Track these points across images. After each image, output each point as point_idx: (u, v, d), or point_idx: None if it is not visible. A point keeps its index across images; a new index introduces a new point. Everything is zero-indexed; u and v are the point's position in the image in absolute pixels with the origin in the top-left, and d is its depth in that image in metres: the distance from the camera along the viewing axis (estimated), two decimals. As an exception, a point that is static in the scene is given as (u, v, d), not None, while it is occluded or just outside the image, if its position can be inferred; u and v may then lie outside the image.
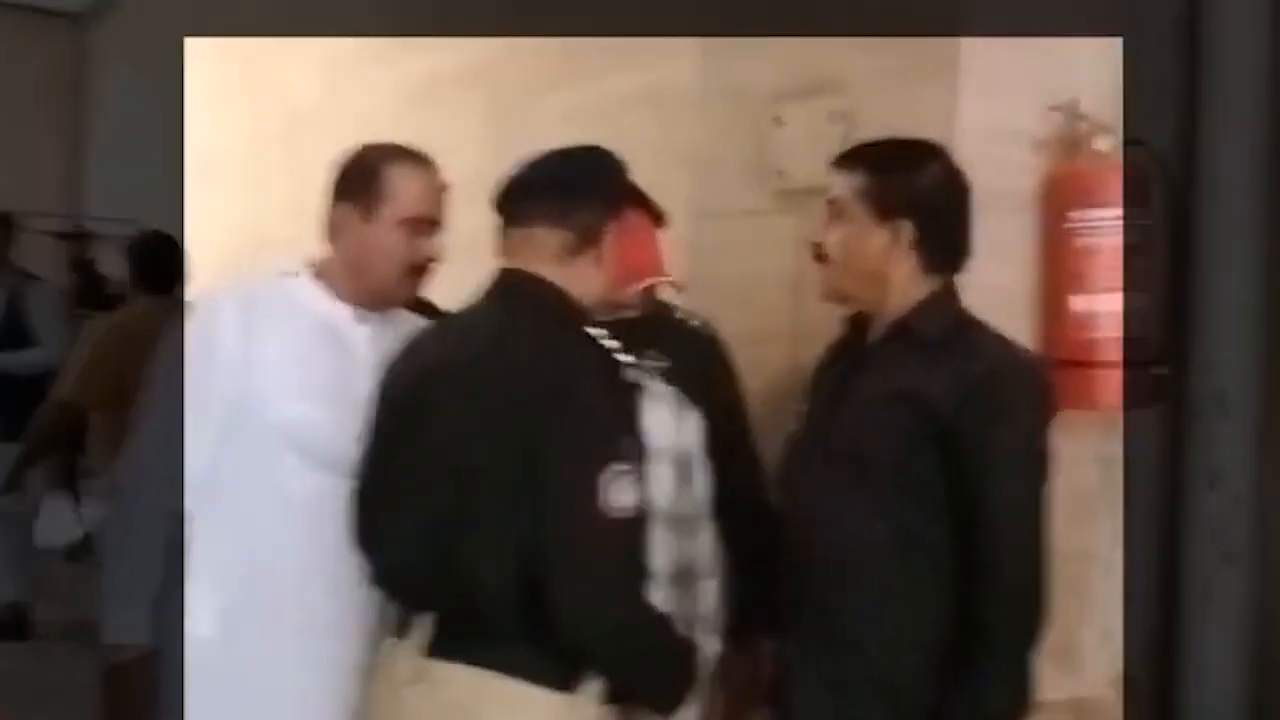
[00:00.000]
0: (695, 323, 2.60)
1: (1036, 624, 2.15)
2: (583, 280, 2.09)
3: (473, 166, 2.57)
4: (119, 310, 4.87)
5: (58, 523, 6.67)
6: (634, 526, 1.91)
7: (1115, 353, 2.64)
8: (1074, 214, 2.64)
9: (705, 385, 2.49)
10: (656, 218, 2.52)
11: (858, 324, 2.35)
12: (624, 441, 1.93)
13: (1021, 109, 2.73)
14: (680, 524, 2.40)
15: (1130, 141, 2.71)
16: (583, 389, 1.92)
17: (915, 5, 2.77)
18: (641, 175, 2.38)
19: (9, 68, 9.44)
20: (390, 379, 2.11)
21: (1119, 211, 2.62)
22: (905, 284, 2.21)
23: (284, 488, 2.24)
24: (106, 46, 9.58)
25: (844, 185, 2.24)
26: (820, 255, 2.26)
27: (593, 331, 2.05)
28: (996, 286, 2.68)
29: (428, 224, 2.31)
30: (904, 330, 2.21)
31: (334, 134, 5.45)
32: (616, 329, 2.36)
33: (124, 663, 2.24)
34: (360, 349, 2.28)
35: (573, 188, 2.09)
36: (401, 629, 2.03)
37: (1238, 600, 2.82)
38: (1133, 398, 2.70)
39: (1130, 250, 2.63)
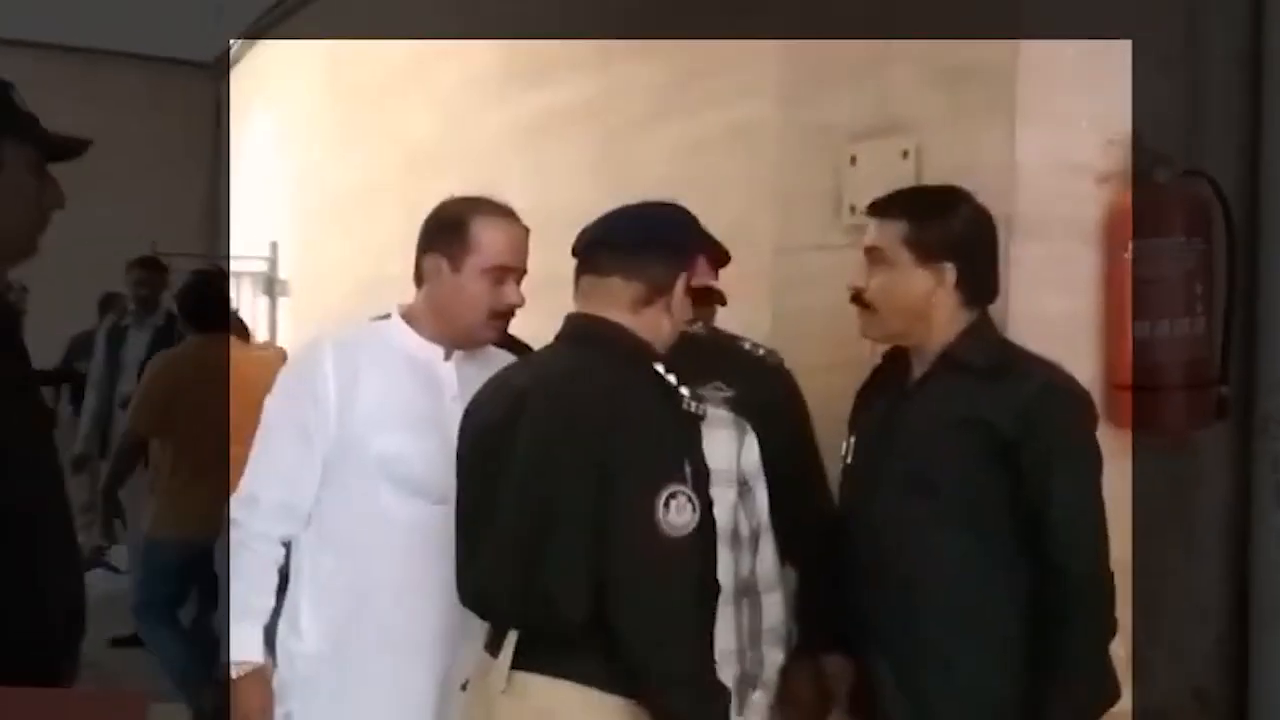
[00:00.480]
0: (761, 352, 2.76)
1: (1108, 614, 2.30)
2: (654, 326, 2.26)
3: (581, 198, 2.79)
4: (176, 347, 5.24)
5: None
6: (691, 545, 2.05)
7: (1177, 376, 2.75)
8: (1134, 243, 2.76)
9: (769, 412, 2.64)
10: (721, 257, 2.69)
11: (895, 357, 2.54)
12: (681, 467, 2.08)
13: (1083, 143, 2.85)
14: (740, 542, 2.57)
15: (1189, 172, 2.82)
16: (643, 420, 2.09)
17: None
18: (729, 209, 2.55)
19: (151, 115, 9.99)
20: (475, 413, 2.29)
21: (1178, 239, 2.73)
22: (947, 320, 2.39)
23: (380, 515, 2.45)
24: (241, 94, 10.08)
25: (885, 233, 2.41)
26: (860, 299, 2.44)
27: (658, 368, 2.21)
28: (1063, 314, 2.83)
29: (510, 273, 2.51)
30: (953, 361, 2.38)
31: (452, 173, 5.79)
32: (685, 358, 2.55)
33: (241, 679, 2.46)
34: (449, 385, 2.49)
35: (647, 245, 2.26)
36: (492, 645, 2.21)
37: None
38: (1195, 418, 2.80)
39: (1189, 276, 2.74)
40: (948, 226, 2.41)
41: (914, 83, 3.02)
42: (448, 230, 2.53)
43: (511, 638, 2.16)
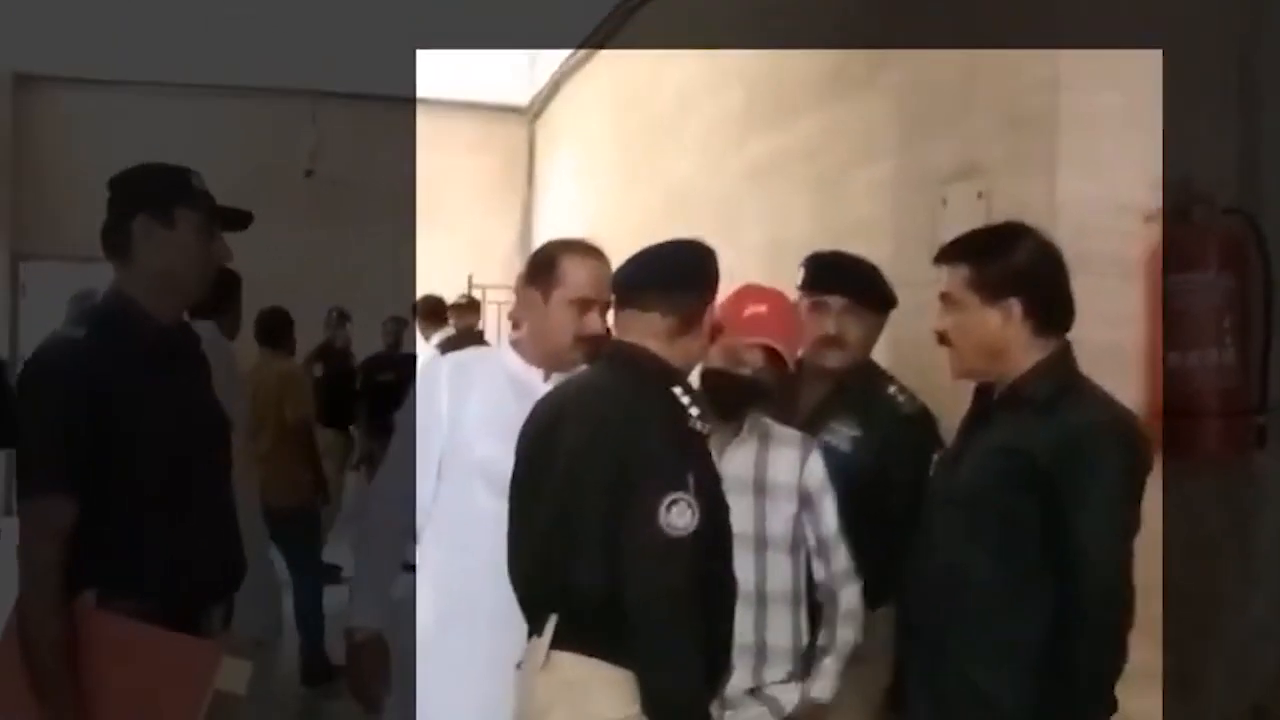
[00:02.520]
0: (901, 399, 3.05)
1: (1115, 653, 2.40)
2: (685, 353, 2.58)
3: (803, 233, 3.15)
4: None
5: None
6: (692, 545, 2.34)
7: (1209, 404, 2.90)
8: (1168, 277, 2.93)
9: (889, 455, 2.98)
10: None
11: (985, 391, 2.67)
12: (684, 477, 2.37)
13: (1132, 184, 3.04)
14: (801, 549, 2.92)
15: (1228, 210, 2.96)
16: (654, 435, 2.41)
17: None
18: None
19: (470, 159, 11.03)
20: (530, 421, 2.67)
21: (1208, 274, 2.89)
22: (1021, 351, 2.52)
23: (479, 510, 2.84)
24: (546, 137, 10.96)
25: (951, 278, 2.59)
26: (944, 340, 2.63)
27: (676, 390, 2.51)
28: (1109, 345, 3.03)
29: (593, 304, 2.86)
30: (1015, 394, 2.53)
31: (699, 213, 6.31)
32: (832, 398, 3.01)
33: (361, 642, 2.95)
34: None
35: (675, 280, 2.57)
36: (535, 627, 2.56)
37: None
38: (1229, 445, 2.94)
39: (1219, 309, 2.89)
40: (1007, 264, 2.53)
41: (990, 129, 3.29)
42: (542, 267, 2.94)
43: (551, 621, 2.51)
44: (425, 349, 8.41)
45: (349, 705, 3.12)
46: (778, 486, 2.95)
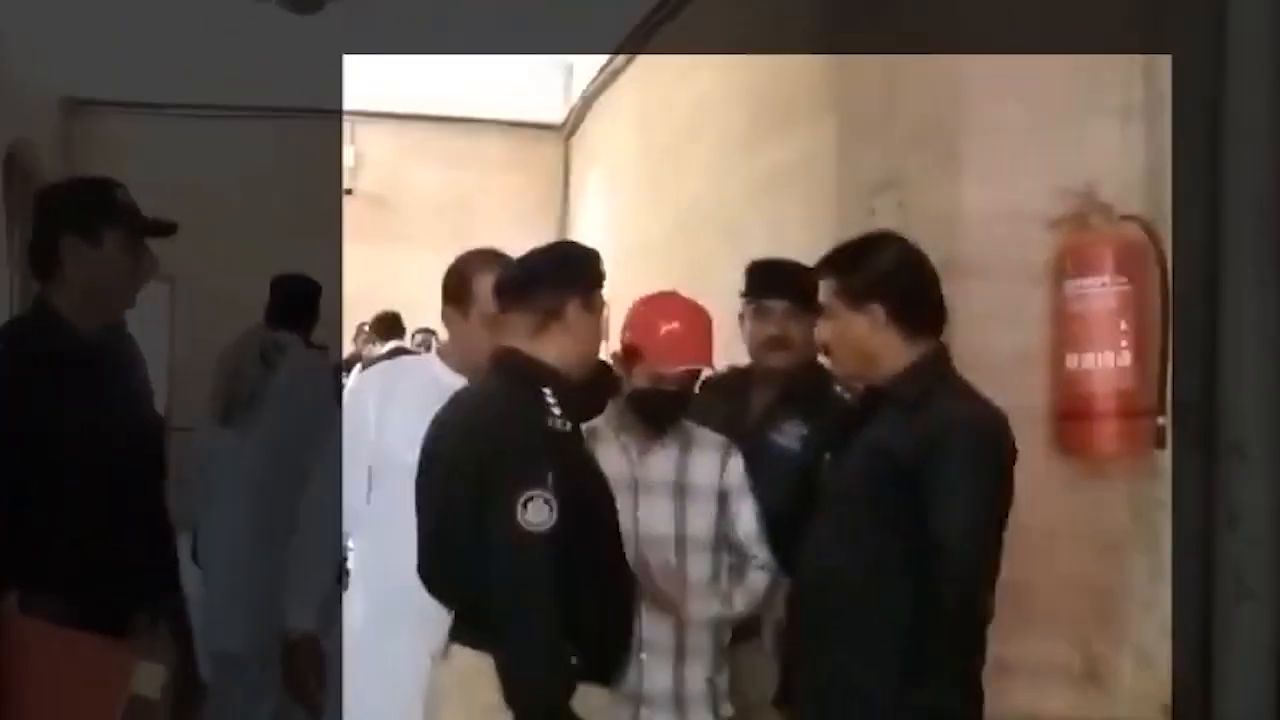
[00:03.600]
0: (847, 397, 3.14)
1: (972, 644, 2.52)
2: (557, 350, 2.66)
3: (810, 247, 3.27)
4: None
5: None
6: (549, 540, 2.43)
7: (1106, 405, 2.98)
8: (1066, 282, 3.01)
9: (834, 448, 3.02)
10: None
11: (868, 392, 2.80)
12: (543, 475, 2.45)
13: (1035, 192, 3.13)
14: (723, 548, 3.04)
15: (1125, 217, 3.03)
16: (513, 434, 2.53)
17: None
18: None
19: (504, 177, 11.23)
20: (429, 429, 2.75)
21: (1102, 279, 2.96)
22: (893, 355, 2.65)
23: (408, 516, 2.82)
24: (581, 153, 11.14)
25: (825, 290, 2.74)
26: (825, 350, 2.80)
27: (545, 390, 2.60)
28: (1016, 348, 3.12)
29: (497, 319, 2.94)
30: (888, 394, 2.68)
31: (708, 227, 6.45)
32: (786, 397, 3.12)
33: (295, 642, 3.06)
34: None
35: (532, 279, 2.69)
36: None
37: (1256, 636, 3.00)
38: (1128, 445, 3.01)
39: (1114, 314, 2.96)
40: (869, 271, 2.68)
41: (906, 140, 3.39)
42: (456, 286, 3.08)
43: (450, 615, 2.65)
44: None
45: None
46: (698, 489, 3.06)
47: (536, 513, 2.44)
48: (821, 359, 2.98)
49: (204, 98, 10.37)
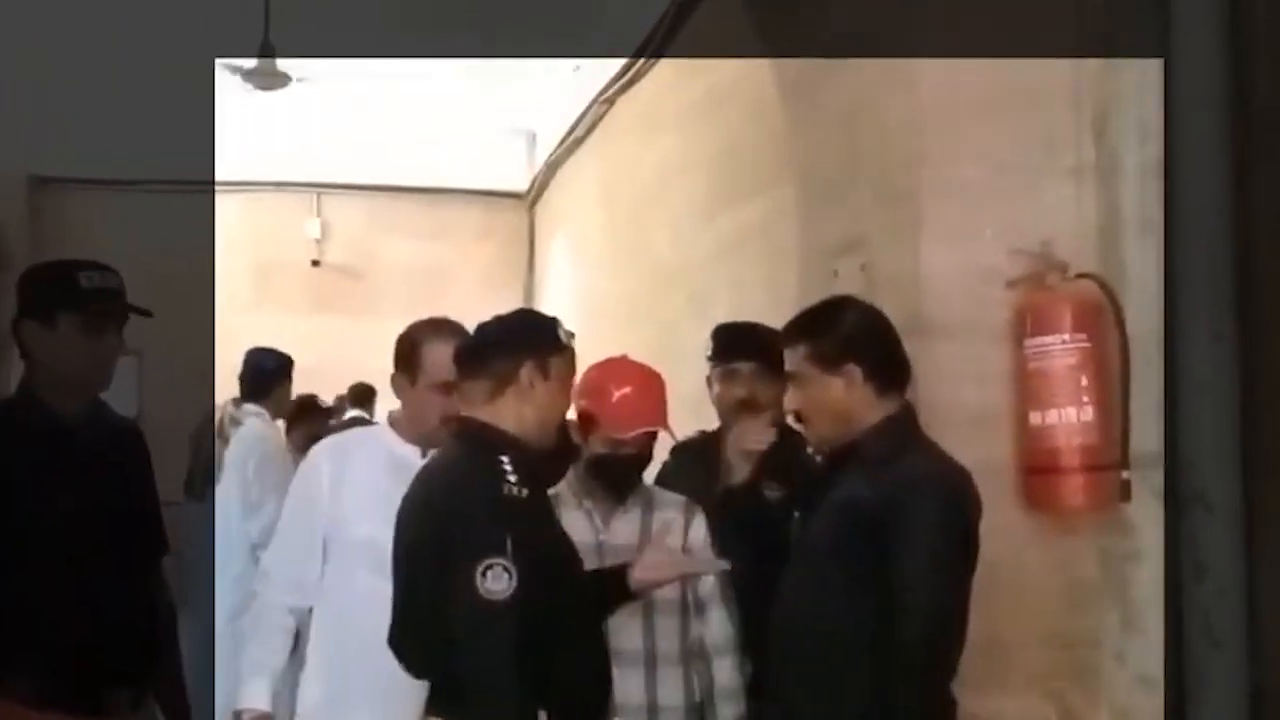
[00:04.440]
0: (818, 459, 3.15)
1: (932, 698, 2.59)
2: (513, 415, 2.68)
3: (769, 309, 3.29)
4: None
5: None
6: (509, 607, 2.44)
7: (1070, 460, 3.02)
8: (1026, 340, 3.07)
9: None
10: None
11: (836, 453, 2.88)
12: (501, 542, 2.47)
13: (993, 253, 3.19)
14: (688, 610, 3.10)
15: (1081, 275, 3.10)
16: (468, 503, 2.55)
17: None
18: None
19: (470, 246, 11.32)
20: (401, 502, 2.75)
21: (1062, 336, 3.01)
22: (867, 413, 2.74)
23: (363, 590, 2.92)
24: (545, 219, 11.24)
25: (792, 357, 2.82)
26: (799, 418, 2.85)
27: (503, 458, 2.61)
28: (979, 406, 3.17)
29: (455, 387, 2.93)
30: (856, 451, 2.76)
31: (679, 286, 6.52)
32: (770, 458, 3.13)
33: None
34: None
35: (484, 345, 2.75)
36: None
37: (1229, 685, 3.03)
38: (1093, 499, 3.05)
39: (1074, 370, 3.01)
40: (838, 333, 2.78)
41: (868, 204, 3.45)
42: (405, 354, 3.13)
43: (412, 690, 2.66)
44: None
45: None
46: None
47: (495, 580, 2.46)
48: (791, 422, 3.02)
49: (165, 174, 10.43)
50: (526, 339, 2.77)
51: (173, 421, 6.74)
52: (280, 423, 6.19)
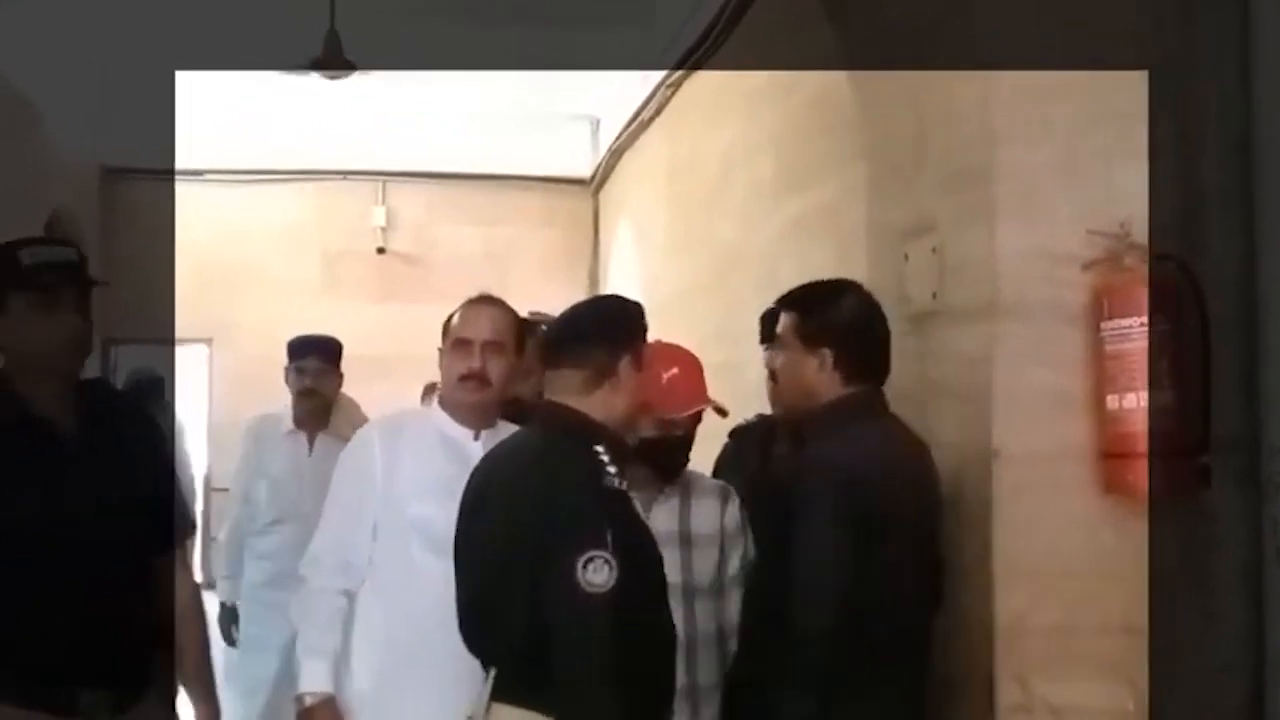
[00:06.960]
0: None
1: (810, 683, 2.68)
2: (605, 406, 2.65)
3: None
4: None
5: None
6: (610, 600, 2.41)
7: (1153, 445, 2.95)
8: (1104, 323, 3.00)
9: None
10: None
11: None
12: (602, 535, 2.44)
13: (1069, 234, 3.12)
14: (723, 592, 3.10)
15: (1160, 256, 3.02)
16: (571, 494, 2.52)
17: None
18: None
19: (535, 232, 11.32)
20: (467, 486, 2.78)
21: (1141, 319, 2.94)
22: (826, 394, 2.85)
23: (416, 571, 2.97)
24: (608, 205, 11.22)
25: (783, 323, 2.91)
26: (773, 377, 2.97)
27: (597, 447, 2.59)
28: (1053, 389, 3.11)
29: (468, 344, 3.06)
30: (797, 430, 2.94)
31: (745, 272, 6.51)
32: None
33: (313, 706, 3.05)
34: (475, 460, 2.99)
35: (586, 335, 2.69)
36: (487, 678, 2.65)
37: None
38: (1173, 485, 2.98)
39: (1153, 353, 2.94)
40: (825, 317, 2.89)
41: (938, 186, 3.39)
42: (446, 324, 3.19)
43: (491, 674, 2.63)
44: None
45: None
46: (701, 536, 3.14)
47: (596, 572, 2.42)
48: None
49: (233, 164, 10.54)
50: (627, 331, 2.73)
51: (241, 408, 6.78)
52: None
